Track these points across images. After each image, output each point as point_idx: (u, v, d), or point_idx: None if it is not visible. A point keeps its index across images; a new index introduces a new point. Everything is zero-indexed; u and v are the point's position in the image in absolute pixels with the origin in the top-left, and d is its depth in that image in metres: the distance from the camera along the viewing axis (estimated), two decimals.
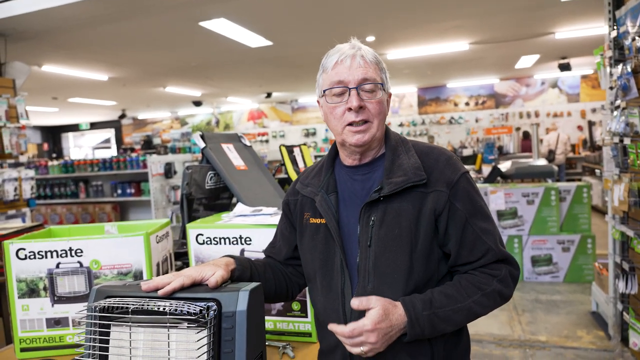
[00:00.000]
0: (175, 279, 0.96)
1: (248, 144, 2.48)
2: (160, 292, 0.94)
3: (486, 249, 1.07)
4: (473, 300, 1.03)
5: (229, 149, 2.24)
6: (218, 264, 1.06)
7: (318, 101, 1.18)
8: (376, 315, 0.95)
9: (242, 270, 1.12)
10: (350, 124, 1.08)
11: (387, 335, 0.97)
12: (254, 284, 0.98)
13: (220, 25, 5.61)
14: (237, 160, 2.21)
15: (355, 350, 0.97)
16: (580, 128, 11.75)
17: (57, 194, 6.61)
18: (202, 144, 2.03)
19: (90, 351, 0.93)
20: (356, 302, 0.98)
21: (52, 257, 1.37)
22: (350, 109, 1.07)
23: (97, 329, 0.92)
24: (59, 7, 4.48)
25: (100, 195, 6.49)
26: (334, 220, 1.11)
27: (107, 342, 0.93)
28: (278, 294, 1.23)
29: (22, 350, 1.40)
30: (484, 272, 1.07)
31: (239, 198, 1.90)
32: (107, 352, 0.93)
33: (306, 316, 1.43)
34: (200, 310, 0.88)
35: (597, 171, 3.75)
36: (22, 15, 4.58)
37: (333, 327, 1.00)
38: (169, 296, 0.94)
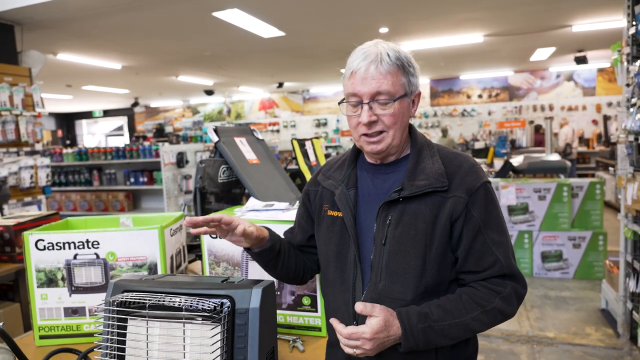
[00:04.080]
0: (206, 216, 1.07)
1: (260, 137, 2.50)
2: (192, 232, 1.07)
3: (494, 260, 1.06)
4: (471, 316, 1.03)
5: (242, 143, 2.26)
6: (254, 224, 1.15)
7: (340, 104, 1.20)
8: (377, 325, 0.98)
9: (273, 242, 1.20)
10: (364, 134, 1.09)
11: (382, 345, 1.00)
12: (266, 282, 1.01)
13: (234, 16, 5.61)
14: (249, 154, 2.23)
15: (347, 350, 1.00)
16: (595, 122, 11.58)
17: (72, 181, 6.70)
18: (215, 138, 2.05)
19: (108, 343, 0.96)
20: (360, 307, 1.00)
21: (69, 248, 1.41)
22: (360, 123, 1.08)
23: (115, 322, 0.95)
24: None
25: (113, 184, 6.57)
26: (351, 214, 1.13)
27: (124, 335, 0.96)
28: (296, 274, 1.29)
29: (41, 337, 1.44)
30: (487, 288, 1.06)
31: (252, 192, 1.93)
32: (124, 344, 0.96)
33: (316, 311, 1.46)
34: (215, 307, 0.91)
35: (611, 168, 3.72)
36: (38, 5, 4.61)
37: (334, 322, 1.04)
38: (185, 292, 0.97)
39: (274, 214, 1.54)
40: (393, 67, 1.05)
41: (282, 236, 1.37)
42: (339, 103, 1.13)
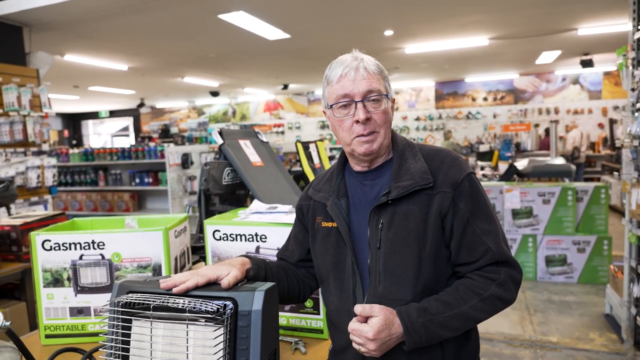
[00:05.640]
0: (190, 278, 1.01)
1: (265, 139, 2.52)
2: (174, 290, 0.99)
3: (485, 249, 1.08)
4: (470, 305, 1.04)
5: (246, 145, 2.28)
6: (234, 264, 1.09)
7: (324, 111, 1.21)
8: (377, 324, 0.99)
9: (257, 270, 1.16)
10: (358, 135, 1.11)
11: (385, 344, 1.01)
12: (269, 284, 1.01)
13: (239, 18, 5.64)
14: (253, 157, 2.24)
15: (355, 346, 1.03)
16: (601, 126, 11.53)
17: (78, 181, 6.75)
18: (220, 141, 2.07)
19: (112, 344, 0.97)
20: (359, 309, 1.02)
21: (75, 249, 1.43)
22: (357, 122, 1.09)
23: (119, 322, 0.97)
24: None
25: (119, 184, 6.61)
26: (345, 223, 1.15)
27: (129, 335, 0.98)
28: (290, 295, 1.27)
29: (47, 336, 1.46)
30: (482, 276, 1.08)
31: (256, 195, 1.94)
32: (129, 344, 0.98)
33: (318, 313, 1.47)
34: (218, 309, 0.92)
35: (615, 173, 3.71)
36: (46, 7, 4.67)
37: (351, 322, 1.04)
38: (188, 294, 0.98)
39: (277, 217, 1.55)
40: (377, 71, 1.12)
41: (276, 256, 1.37)
42: (330, 106, 1.14)
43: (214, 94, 13.25)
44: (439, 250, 1.08)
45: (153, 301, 0.95)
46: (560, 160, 6.15)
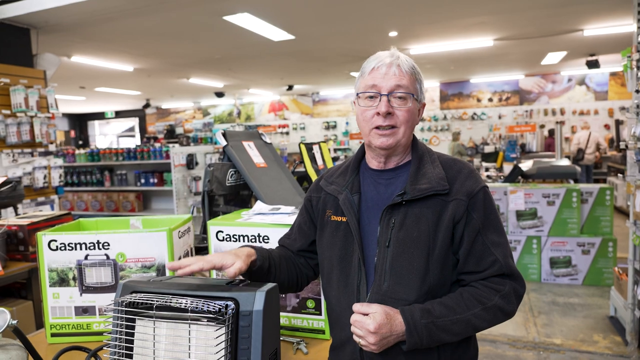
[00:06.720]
0: (196, 262, 1.06)
1: (268, 141, 2.54)
2: (179, 272, 1.05)
3: (493, 260, 1.09)
4: (472, 313, 1.06)
5: (250, 147, 2.30)
6: (239, 255, 1.13)
7: (354, 102, 1.23)
8: (379, 317, 1.01)
9: (262, 260, 1.19)
10: (377, 127, 1.13)
11: (385, 340, 1.02)
12: (270, 285, 1.03)
13: (244, 20, 5.67)
14: (257, 158, 2.26)
15: (355, 338, 1.05)
16: (607, 127, 11.46)
17: (84, 181, 6.79)
18: (224, 142, 2.09)
19: (116, 342, 0.99)
20: (357, 306, 1.04)
21: (81, 249, 1.46)
22: (378, 114, 1.12)
23: (123, 322, 0.99)
24: (88, 1, 4.60)
25: (124, 184, 6.65)
26: (355, 219, 1.16)
27: (133, 334, 1.00)
28: (290, 284, 1.30)
29: (53, 335, 1.49)
30: (487, 286, 1.09)
31: (259, 196, 1.96)
32: (132, 344, 0.99)
33: (320, 314, 1.48)
34: (220, 309, 0.94)
35: (620, 175, 3.69)
36: (53, 9, 4.71)
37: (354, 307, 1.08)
38: (191, 294, 1.00)
39: (280, 218, 1.57)
40: (410, 71, 1.14)
41: (277, 242, 1.39)
42: (357, 94, 1.17)
43: (219, 94, 13.29)
44: (447, 255, 1.10)
45: (156, 301, 0.97)
46: (565, 162, 6.13)
